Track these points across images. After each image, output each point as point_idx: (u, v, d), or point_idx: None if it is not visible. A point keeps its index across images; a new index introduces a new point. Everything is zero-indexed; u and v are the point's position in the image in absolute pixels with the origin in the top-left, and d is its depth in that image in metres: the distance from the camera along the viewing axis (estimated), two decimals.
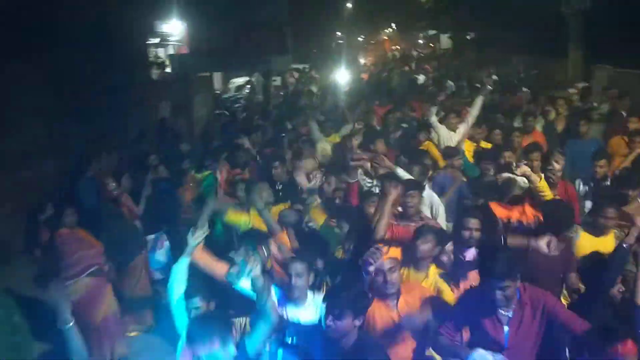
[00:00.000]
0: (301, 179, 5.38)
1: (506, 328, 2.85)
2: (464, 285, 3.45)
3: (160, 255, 5.76)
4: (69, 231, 4.77)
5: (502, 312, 2.85)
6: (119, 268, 4.99)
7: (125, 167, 6.96)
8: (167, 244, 5.85)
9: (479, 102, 6.61)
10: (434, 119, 6.69)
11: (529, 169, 4.29)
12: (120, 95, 9.66)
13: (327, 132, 7.54)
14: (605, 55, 12.49)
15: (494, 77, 14.18)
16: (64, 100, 8.30)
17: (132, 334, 5.17)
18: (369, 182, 5.24)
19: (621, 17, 11.98)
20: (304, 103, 11.04)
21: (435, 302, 3.15)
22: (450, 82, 12.94)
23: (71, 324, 2.58)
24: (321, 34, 18.36)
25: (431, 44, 33.30)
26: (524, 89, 10.87)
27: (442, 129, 6.54)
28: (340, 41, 29.67)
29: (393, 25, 37.76)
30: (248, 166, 6.37)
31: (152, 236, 5.57)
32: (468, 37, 26.76)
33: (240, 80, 17.70)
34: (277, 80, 15.40)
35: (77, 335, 2.60)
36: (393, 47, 35.14)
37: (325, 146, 7.01)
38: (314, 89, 14.29)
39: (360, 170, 5.29)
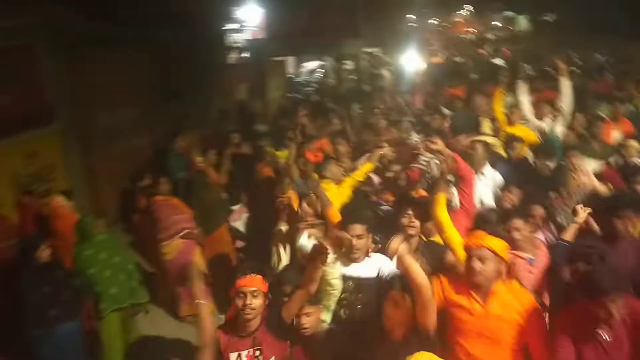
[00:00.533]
0: None
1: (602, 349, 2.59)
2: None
3: (239, 224, 6.25)
4: (164, 198, 5.34)
5: (601, 332, 2.59)
6: (207, 233, 5.50)
7: (209, 143, 7.51)
8: (245, 215, 6.34)
9: (565, 88, 6.01)
10: (524, 98, 6.38)
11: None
12: (203, 77, 10.31)
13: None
14: None
15: (576, 60, 13.61)
16: (155, 82, 9.05)
17: None
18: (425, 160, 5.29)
19: None
20: (373, 87, 11.21)
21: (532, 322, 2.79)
22: (526, 66, 12.58)
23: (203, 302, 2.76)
24: (393, 18, 18.31)
25: (509, 26, 32.04)
26: (608, 74, 10.44)
27: (529, 112, 6.33)
28: (412, 24, 29.24)
29: (468, 7, 36.67)
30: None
31: (236, 207, 6.04)
32: (548, 19, 25.55)
33: (312, 65, 18.06)
34: (349, 64, 15.60)
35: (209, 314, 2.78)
36: (468, 30, 34.14)
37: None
38: (386, 72, 14.38)
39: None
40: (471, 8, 35.65)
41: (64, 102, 7.32)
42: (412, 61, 13.46)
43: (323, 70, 16.28)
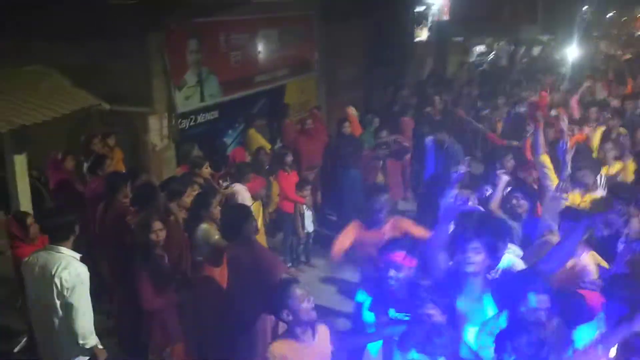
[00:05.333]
0: None
1: None
2: None
3: None
4: (409, 119, 8.60)
5: None
6: None
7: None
8: None
9: None
10: None
11: None
12: (402, 49, 13.54)
13: None
14: None
15: None
16: (371, 50, 12.44)
17: None
18: None
19: None
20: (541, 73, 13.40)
21: None
22: None
23: None
24: (569, 7, 19.99)
25: None
26: None
27: None
28: (587, 16, 29.95)
29: None
30: None
31: None
32: None
33: (482, 48, 20.52)
34: (524, 49, 17.86)
35: None
36: None
37: None
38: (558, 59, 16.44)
39: None
40: None
41: (320, 57, 10.94)
42: (579, 52, 15.23)
43: (495, 52, 18.69)
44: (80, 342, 3.45)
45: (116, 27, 6.92)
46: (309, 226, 6.72)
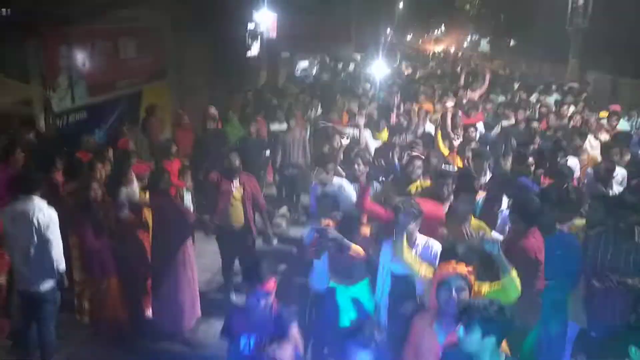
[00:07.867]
0: None
1: None
2: None
3: None
4: (261, 119, 10.48)
5: None
6: None
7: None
8: None
9: None
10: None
11: None
12: (238, 62, 15.48)
13: None
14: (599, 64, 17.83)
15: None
16: (216, 61, 14.14)
17: None
18: None
19: (610, 33, 17.17)
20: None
21: None
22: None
23: None
24: (377, 30, 23.91)
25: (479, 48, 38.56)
26: None
27: None
28: (391, 37, 35.21)
29: (442, 27, 43.25)
30: None
31: None
32: (511, 44, 31.98)
33: (305, 63, 23.43)
34: (341, 64, 20.99)
35: None
36: (436, 48, 40.46)
37: None
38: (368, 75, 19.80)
39: None
40: (443, 28, 41.86)
41: (172, 66, 12.36)
42: (384, 68, 18.66)
43: (318, 67, 21.62)
44: (55, 266, 4.64)
45: None
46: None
